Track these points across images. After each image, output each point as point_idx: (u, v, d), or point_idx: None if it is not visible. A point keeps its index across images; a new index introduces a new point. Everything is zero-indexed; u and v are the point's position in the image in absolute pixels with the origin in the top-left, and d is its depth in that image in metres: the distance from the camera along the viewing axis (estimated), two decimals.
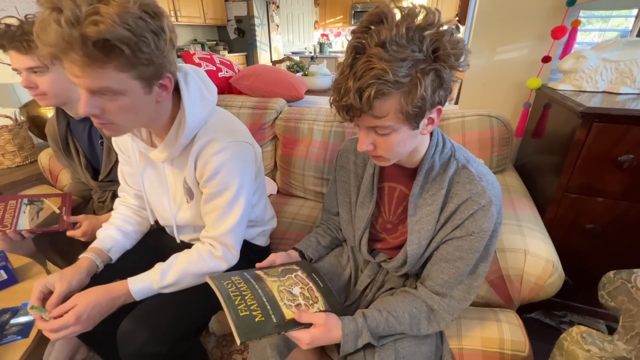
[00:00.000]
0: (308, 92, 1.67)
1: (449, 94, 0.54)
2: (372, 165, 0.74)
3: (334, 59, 4.94)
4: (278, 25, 5.13)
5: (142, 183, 0.83)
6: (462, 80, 1.48)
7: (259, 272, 0.69)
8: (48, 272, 0.91)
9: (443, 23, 0.49)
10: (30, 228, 0.95)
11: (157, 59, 0.57)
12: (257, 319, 0.57)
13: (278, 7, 5.03)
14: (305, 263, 0.78)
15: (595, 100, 0.96)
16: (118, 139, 0.85)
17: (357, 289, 0.81)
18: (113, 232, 0.86)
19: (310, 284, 0.69)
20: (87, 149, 1.07)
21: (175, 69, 0.66)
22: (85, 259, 0.78)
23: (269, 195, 1.41)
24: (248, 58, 4.78)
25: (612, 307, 0.69)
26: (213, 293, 0.62)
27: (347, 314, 0.66)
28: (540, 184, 1.13)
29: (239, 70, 1.59)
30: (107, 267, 0.84)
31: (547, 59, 1.18)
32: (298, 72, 2.19)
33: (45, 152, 1.44)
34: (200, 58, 1.56)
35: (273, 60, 4.71)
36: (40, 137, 1.70)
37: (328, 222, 0.92)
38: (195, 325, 0.81)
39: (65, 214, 0.99)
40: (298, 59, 3.07)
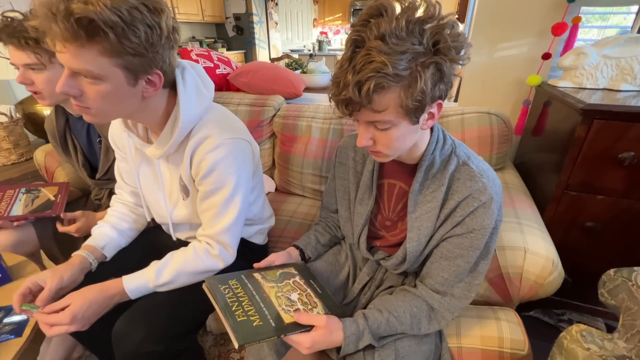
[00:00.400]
0: (306, 89, 1.66)
1: (450, 88, 0.53)
2: (371, 162, 0.73)
3: (333, 57, 4.93)
4: (277, 23, 5.11)
5: (137, 180, 0.82)
6: (461, 78, 1.47)
7: (257, 274, 0.68)
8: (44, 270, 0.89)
9: (444, 16, 0.48)
10: (22, 214, 0.94)
11: (146, 52, 0.56)
12: (255, 324, 0.56)
13: (277, 4, 5.00)
14: (304, 267, 0.77)
15: (596, 97, 0.95)
16: (114, 135, 0.84)
17: (355, 287, 0.80)
18: (108, 229, 0.85)
19: (309, 290, 0.69)
20: (85, 147, 1.06)
21: (171, 68, 0.64)
22: (78, 256, 0.77)
23: (267, 193, 1.40)
24: (246, 56, 4.77)
25: (612, 305, 0.68)
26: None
27: (345, 314, 0.65)
28: (540, 182, 1.13)
29: (237, 67, 1.58)
30: (102, 264, 0.83)
31: (547, 56, 1.17)
32: (296, 69, 2.18)
33: (41, 149, 1.42)
34: (198, 55, 1.55)
35: (272, 58, 4.69)
36: (36, 134, 1.68)
37: (327, 219, 0.91)
38: (192, 324, 0.80)
39: (60, 201, 0.98)
40: (297, 57, 3.05)
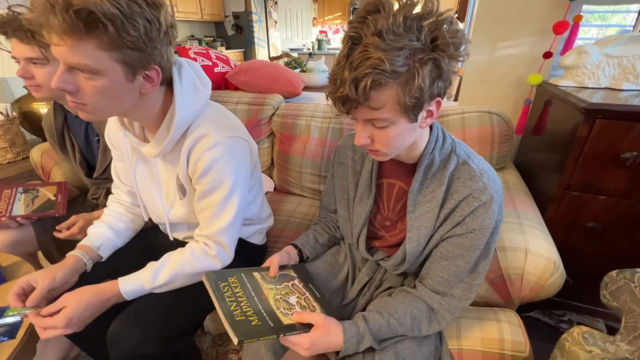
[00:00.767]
0: (306, 88, 1.65)
1: (449, 86, 0.53)
2: (370, 161, 0.72)
3: (332, 56, 4.91)
4: (276, 22, 5.10)
5: (134, 179, 0.81)
6: (461, 77, 1.46)
7: (256, 274, 0.67)
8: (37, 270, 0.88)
9: (442, 12, 0.48)
10: (26, 214, 0.93)
11: (145, 47, 0.55)
12: (253, 323, 0.55)
13: (276, 3, 4.99)
14: (303, 270, 0.76)
15: (598, 97, 0.94)
16: (111, 134, 0.82)
17: (354, 288, 0.79)
18: (104, 229, 0.84)
19: (307, 294, 0.68)
20: (83, 145, 1.05)
21: (168, 65, 0.63)
22: (72, 257, 0.76)
23: (266, 193, 1.39)
24: (246, 54, 4.75)
25: (614, 307, 0.67)
26: (207, 293, 0.60)
27: (344, 315, 0.65)
28: (541, 182, 1.12)
29: (236, 66, 1.57)
30: (98, 264, 0.82)
31: (548, 55, 1.16)
32: (296, 68, 2.17)
33: (37, 148, 1.41)
34: (196, 53, 1.53)
35: (271, 57, 4.68)
36: (33, 133, 1.67)
37: (326, 219, 0.90)
38: (189, 326, 0.79)
39: (62, 200, 0.97)
40: (296, 56, 3.04)
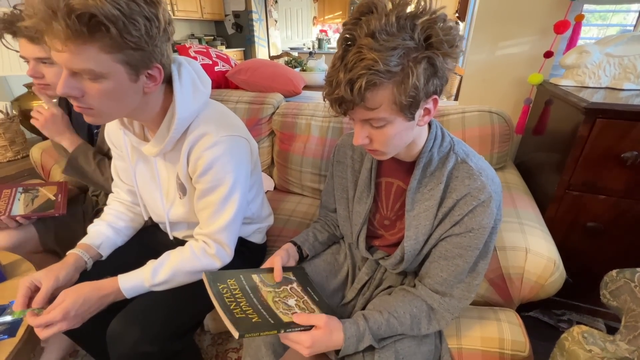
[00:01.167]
0: (306, 87, 1.65)
1: (445, 83, 0.53)
2: (369, 160, 0.72)
3: (333, 55, 4.90)
4: (276, 21, 5.09)
5: (134, 178, 0.81)
6: (462, 76, 1.46)
7: (255, 276, 0.67)
8: (37, 269, 0.88)
9: (435, 10, 0.48)
10: (25, 213, 0.93)
11: (147, 46, 0.55)
12: (254, 320, 0.55)
13: (276, 2, 4.98)
14: (302, 273, 0.76)
15: (598, 96, 0.94)
16: (111, 133, 0.82)
17: (354, 287, 0.79)
18: (104, 228, 0.84)
19: (305, 297, 0.68)
20: (85, 139, 1.05)
21: (168, 62, 0.63)
22: (73, 255, 0.76)
23: (266, 192, 1.39)
24: (246, 53, 4.75)
25: (614, 306, 0.67)
26: (207, 292, 0.60)
27: (344, 314, 0.65)
28: (541, 182, 1.12)
29: (236, 65, 1.57)
30: (98, 263, 0.82)
31: (549, 54, 1.16)
32: (296, 67, 2.17)
33: (37, 146, 1.41)
34: (196, 52, 1.53)
35: (271, 56, 4.67)
36: (32, 131, 1.66)
37: (326, 218, 0.90)
38: (188, 325, 0.79)
39: (61, 200, 0.97)
40: (296, 55, 3.04)
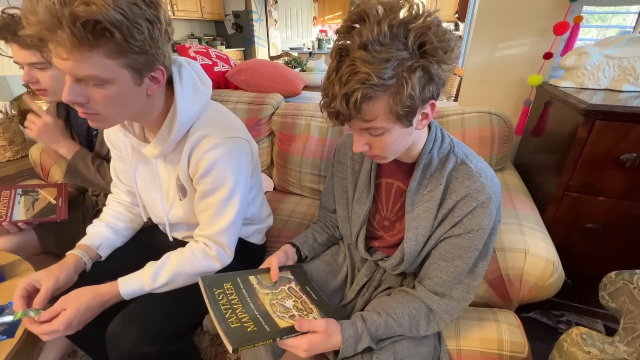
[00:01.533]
0: (305, 87, 1.65)
1: (442, 86, 0.52)
2: (369, 161, 0.72)
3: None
4: (276, 21, 5.09)
5: (134, 179, 0.81)
6: (461, 77, 1.46)
7: (252, 278, 0.67)
8: (37, 269, 0.88)
9: (429, 14, 0.47)
10: (27, 219, 0.92)
11: (150, 49, 0.55)
12: (249, 329, 0.55)
13: (276, 2, 4.98)
14: (301, 271, 0.76)
15: (597, 98, 0.94)
16: (110, 134, 0.82)
17: (353, 288, 0.79)
18: (103, 228, 0.84)
19: (304, 297, 0.68)
20: (84, 141, 1.05)
21: (170, 63, 0.63)
22: (72, 256, 0.76)
23: (265, 193, 1.39)
24: (246, 53, 4.74)
25: (612, 308, 0.67)
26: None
27: (342, 316, 0.64)
28: (540, 183, 1.12)
29: (236, 65, 1.57)
30: (97, 264, 0.82)
31: (548, 56, 1.16)
32: (296, 67, 2.16)
33: (36, 146, 1.41)
34: (196, 52, 1.53)
35: (271, 56, 4.67)
36: None
37: (325, 219, 0.90)
38: (187, 325, 0.79)
39: (62, 204, 0.97)
40: (296, 55, 3.03)
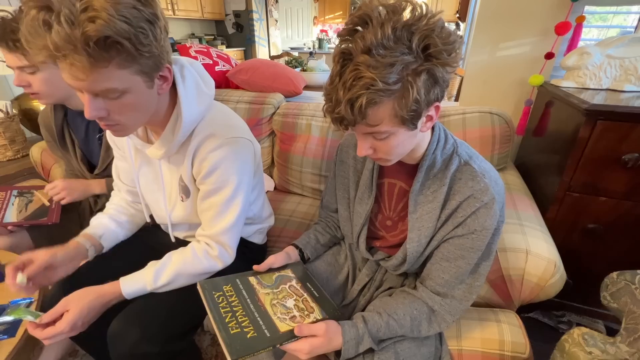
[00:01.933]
0: (306, 87, 1.65)
1: (446, 88, 0.52)
2: (371, 161, 0.72)
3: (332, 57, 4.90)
4: (277, 21, 5.08)
5: (137, 180, 0.81)
6: (462, 77, 1.46)
7: (252, 278, 0.67)
8: None
9: (432, 15, 0.46)
10: (17, 221, 0.92)
11: (156, 50, 0.55)
12: (249, 335, 0.54)
13: (277, 1, 4.97)
14: (302, 269, 0.76)
15: (599, 98, 0.94)
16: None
17: (354, 288, 0.79)
18: (105, 220, 0.84)
19: (305, 295, 0.67)
20: (82, 142, 1.04)
21: (171, 58, 0.63)
22: (73, 242, 0.76)
23: (266, 192, 1.38)
24: (246, 53, 4.74)
25: (614, 308, 0.67)
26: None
27: (344, 315, 0.64)
28: (541, 183, 1.12)
29: (236, 64, 1.57)
30: (99, 263, 0.82)
31: (550, 56, 1.16)
32: (296, 67, 2.16)
33: (37, 145, 1.41)
34: (197, 51, 1.53)
35: (271, 56, 4.67)
36: (33, 130, 1.66)
37: (326, 219, 0.90)
38: (188, 325, 0.79)
39: (55, 207, 0.96)
40: (297, 55, 3.03)
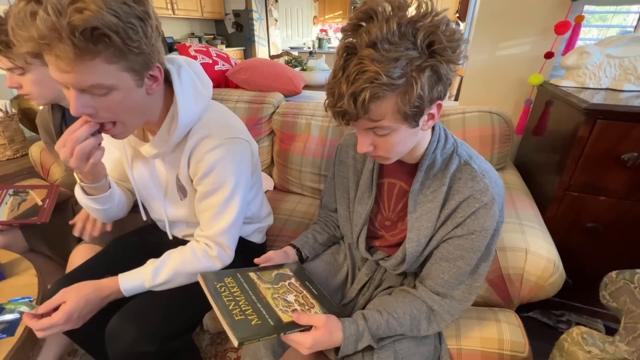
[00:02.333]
0: (306, 87, 1.65)
1: (449, 87, 0.52)
2: (371, 161, 0.72)
3: (333, 55, 4.87)
4: (277, 20, 5.08)
5: (131, 176, 0.80)
6: (462, 76, 1.46)
7: (252, 274, 0.67)
8: (36, 268, 0.88)
9: (437, 13, 0.47)
10: (7, 220, 0.92)
11: (146, 48, 0.54)
12: (253, 322, 0.54)
13: (277, 1, 4.97)
14: (299, 268, 0.76)
15: (599, 97, 0.94)
16: None
17: (354, 288, 0.79)
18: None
19: (304, 292, 0.68)
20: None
21: (164, 59, 0.63)
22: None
23: (265, 192, 1.38)
24: (246, 53, 4.74)
25: (613, 307, 0.67)
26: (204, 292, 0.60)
27: (343, 313, 0.64)
28: (541, 182, 1.12)
29: (236, 64, 1.57)
30: (98, 262, 0.82)
31: (549, 55, 1.16)
32: (296, 67, 2.16)
33: (37, 145, 1.41)
34: (196, 50, 1.53)
35: (271, 55, 4.66)
36: (32, 130, 1.66)
37: (325, 218, 0.90)
38: (187, 324, 0.79)
39: (47, 207, 0.96)
40: (296, 54, 3.03)
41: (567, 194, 0.99)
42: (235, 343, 0.50)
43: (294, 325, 0.57)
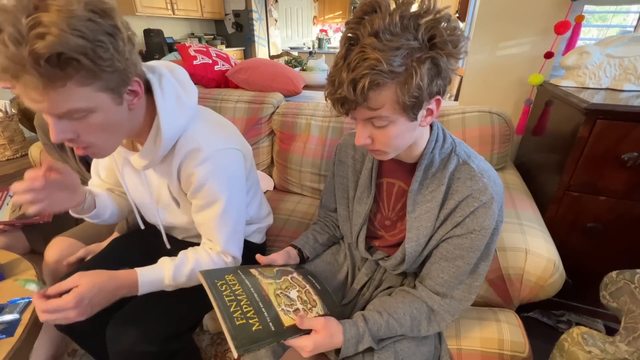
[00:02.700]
0: (306, 87, 1.65)
1: (448, 84, 0.52)
2: (370, 160, 0.72)
3: (333, 55, 4.86)
4: (276, 20, 5.08)
5: (123, 181, 0.79)
6: (462, 76, 1.46)
7: (254, 270, 0.67)
8: (36, 268, 0.88)
9: (439, 10, 0.48)
10: (9, 220, 0.92)
11: (120, 64, 0.51)
12: (254, 328, 0.54)
13: (277, 1, 4.97)
14: (301, 266, 0.76)
15: (599, 97, 0.94)
16: None
17: (354, 288, 0.79)
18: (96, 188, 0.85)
19: (307, 287, 0.67)
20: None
21: (142, 71, 0.60)
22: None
23: (265, 192, 1.38)
24: (246, 53, 4.74)
25: (614, 307, 0.67)
26: (205, 292, 0.60)
27: (344, 314, 0.64)
28: (541, 182, 1.12)
29: (236, 64, 1.56)
30: (95, 267, 0.80)
31: (549, 55, 1.16)
32: (296, 67, 2.16)
33: (36, 145, 1.41)
34: (196, 51, 1.53)
35: (271, 55, 4.67)
36: (32, 130, 1.66)
37: (325, 218, 0.90)
38: (187, 324, 0.79)
39: None
40: (296, 54, 3.03)
41: (567, 194, 0.99)
42: (235, 354, 0.49)
43: (295, 330, 0.56)
